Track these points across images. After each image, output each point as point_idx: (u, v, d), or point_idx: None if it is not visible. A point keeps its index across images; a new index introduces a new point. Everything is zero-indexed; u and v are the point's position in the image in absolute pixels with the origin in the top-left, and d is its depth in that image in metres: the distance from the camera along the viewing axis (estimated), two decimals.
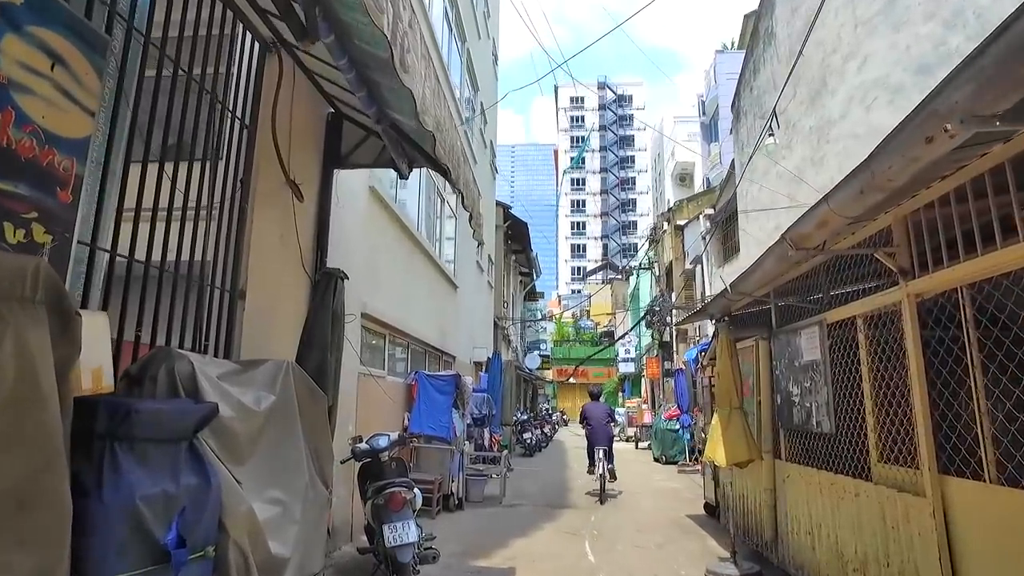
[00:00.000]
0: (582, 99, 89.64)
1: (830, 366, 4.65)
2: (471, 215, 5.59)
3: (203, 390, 2.83)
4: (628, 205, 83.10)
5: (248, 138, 4.42)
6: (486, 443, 12.20)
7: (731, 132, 15.84)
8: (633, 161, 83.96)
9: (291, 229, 5.08)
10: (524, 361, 29.74)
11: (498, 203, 22.78)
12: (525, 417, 19.65)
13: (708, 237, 17.97)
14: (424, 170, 10.50)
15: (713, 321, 8.47)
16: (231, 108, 4.18)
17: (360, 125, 5.88)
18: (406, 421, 8.79)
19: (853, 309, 4.31)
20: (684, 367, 14.71)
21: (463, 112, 14.37)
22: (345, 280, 4.60)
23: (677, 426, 16.05)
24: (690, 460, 14.97)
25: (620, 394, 43.04)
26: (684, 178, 38.79)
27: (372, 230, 7.41)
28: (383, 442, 5.57)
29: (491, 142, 20.81)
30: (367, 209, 7.24)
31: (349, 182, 6.52)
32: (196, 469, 2.53)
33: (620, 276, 51.77)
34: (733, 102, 15.43)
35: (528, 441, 18.26)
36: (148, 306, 3.31)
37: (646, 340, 31.51)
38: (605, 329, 54.18)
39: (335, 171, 5.89)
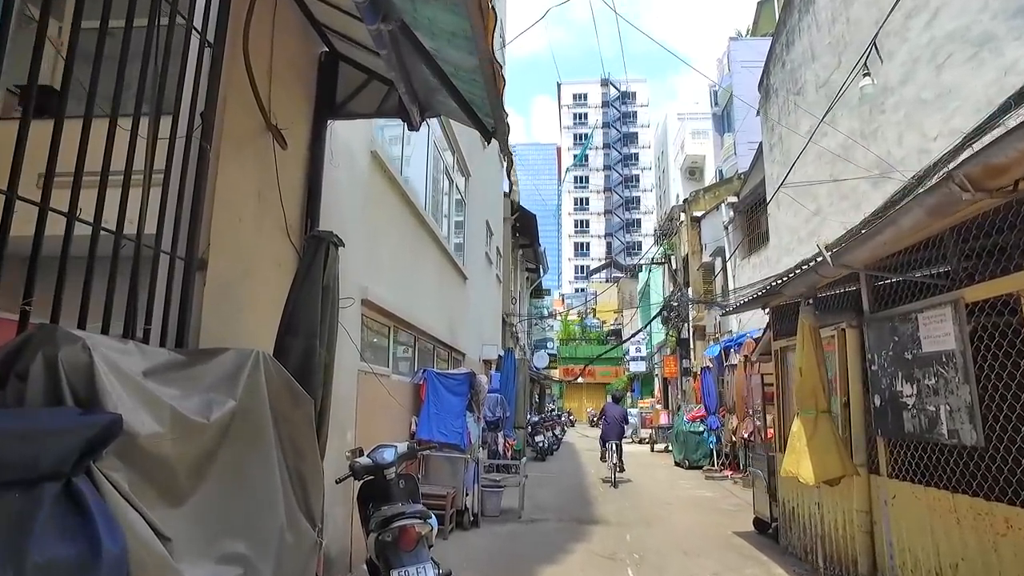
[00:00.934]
0: (585, 96, 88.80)
1: (970, 359, 3.57)
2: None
3: (105, 393, 1.75)
4: (632, 203, 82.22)
5: (213, 62, 3.34)
6: (500, 448, 11.13)
7: (758, 114, 14.75)
8: (637, 158, 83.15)
9: (272, 186, 4.01)
10: (532, 360, 28.68)
11: (505, 194, 21.73)
12: (536, 419, 18.56)
13: (729, 226, 16.88)
14: (430, 145, 9.43)
15: (766, 310, 7.40)
16: (187, 16, 3.10)
17: (361, 68, 4.81)
18: (413, 426, 7.72)
19: (1017, 283, 3.22)
20: (711, 365, 13.63)
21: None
22: (339, 247, 3.53)
23: (701, 428, 14.96)
24: (717, 465, 13.88)
25: (629, 394, 41.98)
26: (694, 171, 37.69)
27: (374, 203, 6.34)
28: (389, 455, 4.50)
29: None
30: (368, 178, 6.17)
31: (347, 142, 5.45)
32: (72, 530, 1.45)
33: (625, 274, 50.82)
34: (760, 81, 14.34)
35: (540, 445, 17.19)
36: (74, 282, 2.25)
37: (657, 338, 30.42)
38: (611, 328, 53.12)
39: (329, 123, 4.82)
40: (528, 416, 16.24)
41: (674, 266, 22.97)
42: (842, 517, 5.07)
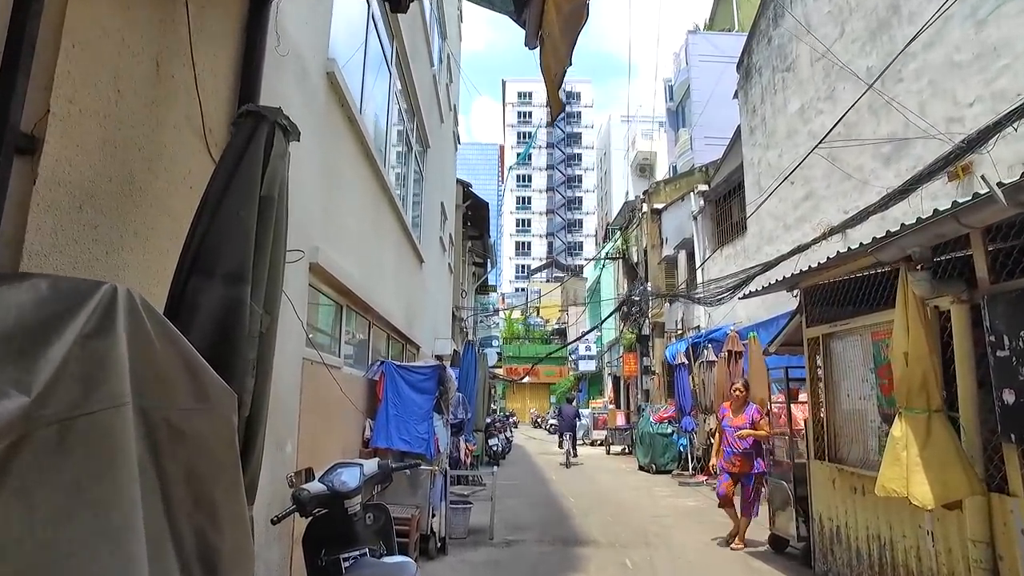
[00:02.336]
0: (530, 94, 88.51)
1: None
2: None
3: None
4: (574, 203, 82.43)
5: None
6: (461, 455, 9.72)
7: (735, 96, 13.90)
8: (580, 159, 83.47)
9: (182, 62, 2.53)
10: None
11: (458, 180, 20.36)
12: (489, 420, 17.19)
13: (699, 216, 16.03)
14: (392, 98, 7.94)
15: (793, 293, 6.32)
16: None
17: None
18: (367, 431, 6.25)
19: None
20: (686, 361, 12.65)
21: (433, 63, 11.82)
22: (288, 134, 2.10)
23: (670, 430, 13.98)
24: (690, 470, 12.90)
25: (575, 394, 41.17)
26: (644, 168, 37.21)
27: (330, 145, 4.85)
28: (351, 479, 3.10)
29: (455, 107, 18.29)
30: (324, 109, 4.68)
31: (297, 48, 3.97)
32: None
33: (566, 274, 50.24)
34: (740, 60, 13.47)
35: (495, 448, 15.86)
36: None
37: (608, 336, 29.61)
38: (555, 327, 52.30)
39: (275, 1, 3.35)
40: (484, 418, 14.88)
41: (634, 259, 22.09)
42: (937, 546, 3.97)
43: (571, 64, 2.62)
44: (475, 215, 22.59)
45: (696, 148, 26.40)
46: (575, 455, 16.79)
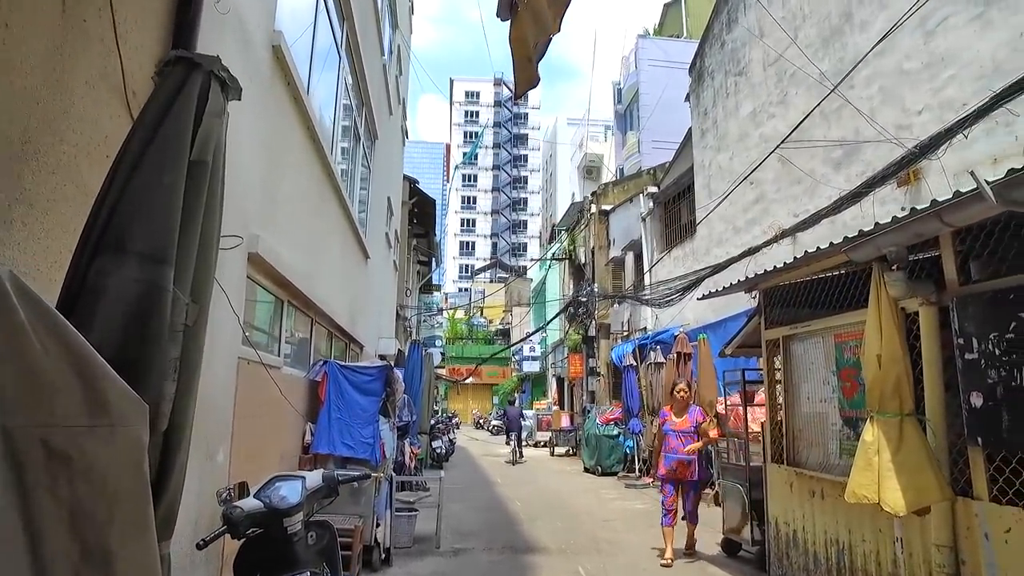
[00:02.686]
0: (477, 94, 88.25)
1: None
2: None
3: None
4: (519, 204, 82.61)
5: None
6: (406, 459, 9.34)
7: (687, 99, 13.99)
8: (526, 160, 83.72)
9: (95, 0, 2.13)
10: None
11: (405, 176, 19.87)
12: (433, 422, 16.80)
13: (647, 217, 16.11)
14: (340, 84, 7.49)
15: (752, 294, 6.27)
16: None
17: None
18: (308, 436, 5.83)
19: None
20: (634, 363, 12.63)
21: (384, 52, 11.36)
22: (228, 89, 1.76)
23: (616, 431, 13.96)
24: (638, 472, 12.89)
25: (517, 395, 41.12)
26: (591, 170, 37.43)
27: (274, 126, 4.43)
28: (292, 494, 2.78)
29: (404, 100, 17.80)
30: (268, 84, 4.26)
31: (240, 15, 3.56)
32: None
33: (511, 275, 50.17)
34: (692, 63, 13.57)
35: (438, 451, 15.49)
36: None
37: (553, 337, 29.60)
38: (499, 327, 52.15)
39: None
40: (429, 419, 14.49)
41: (582, 260, 22.08)
42: (898, 550, 3.91)
43: (559, 31, 2.36)
44: (421, 212, 22.11)
45: (644, 151, 26.68)
46: (521, 455, 17.76)
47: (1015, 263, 3.29)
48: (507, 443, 19.69)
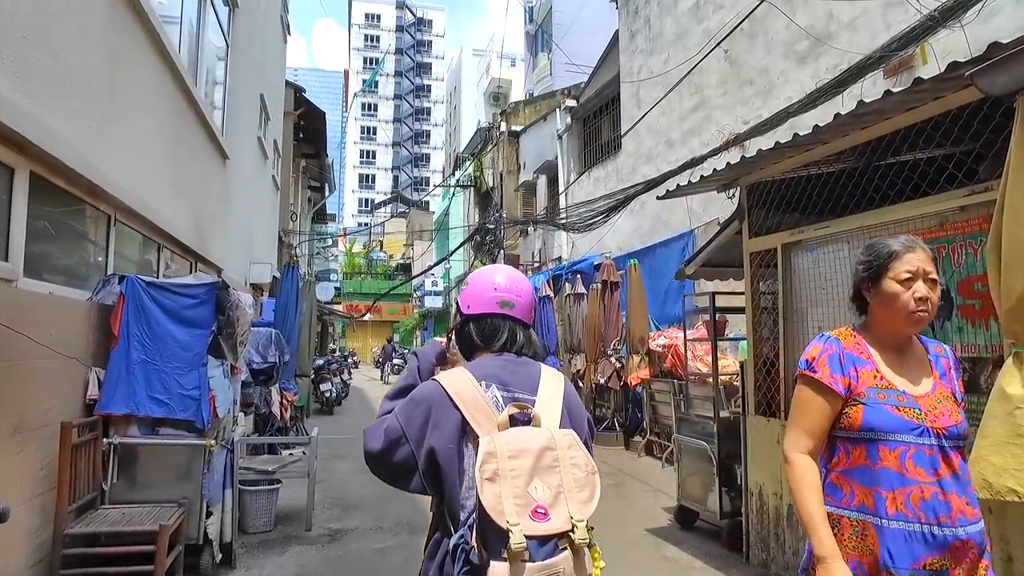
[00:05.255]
0: (378, 17, 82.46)
1: None
2: None
3: None
4: (422, 136, 79.12)
5: None
6: (276, 409, 7.45)
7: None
8: (429, 91, 79.90)
9: None
10: (315, 292, 24.41)
11: (288, 83, 17.02)
12: (321, 362, 14.79)
13: (564, 135, 14.47)
14: None
15: (730, 193, 4.81)
16: None
17: None
18: (93, 389, 3.83)
19: None
20: (550, 294, 11.19)
21: None
22: None
23: None
24: None
25: (419, 333, 39.45)
26: (499, 97, 35.19)
27: None
28: None
29: None
30: None
31: None
32: None
33: (409, 208, 47.56)
34: None
35: (327, 395, 13.62)
36: None
37: (457, 270, 27.87)
38: (400, 262, 49.64)
39: None
40: (313, 359, 12.51)
41: (490, 184, 20.27)
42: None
43: None
44: (310, 127, 19.30)
45: (556, 74, 24.85)
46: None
47: None
48: (381, 378, 24.25)
